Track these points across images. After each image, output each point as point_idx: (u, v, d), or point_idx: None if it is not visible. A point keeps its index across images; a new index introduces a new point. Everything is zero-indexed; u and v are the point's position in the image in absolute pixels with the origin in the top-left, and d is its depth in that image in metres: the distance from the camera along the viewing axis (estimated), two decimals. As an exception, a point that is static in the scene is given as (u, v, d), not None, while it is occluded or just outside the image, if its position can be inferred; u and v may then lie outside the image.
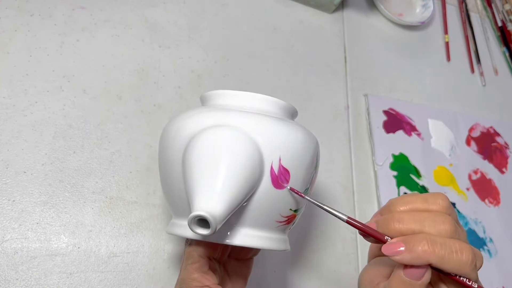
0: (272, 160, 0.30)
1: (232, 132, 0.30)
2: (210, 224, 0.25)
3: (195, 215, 0.26)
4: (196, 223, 0.26)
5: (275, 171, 0.31)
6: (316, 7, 0.67)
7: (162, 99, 0.51)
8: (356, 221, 0.28)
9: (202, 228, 0.26)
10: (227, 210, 0.27)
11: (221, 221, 0.26)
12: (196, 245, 0.34)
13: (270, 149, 0.30)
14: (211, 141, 0.29)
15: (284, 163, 0.31)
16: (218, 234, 0.31)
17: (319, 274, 0.49)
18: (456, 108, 0.69)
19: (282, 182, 0.31)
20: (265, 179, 0.30)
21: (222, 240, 0.31)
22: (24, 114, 0.45)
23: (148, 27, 0.55)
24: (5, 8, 0.49)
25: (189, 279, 0.32)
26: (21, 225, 0.40)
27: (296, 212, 0.34)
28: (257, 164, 0.29)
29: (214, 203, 0.26)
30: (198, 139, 0.30)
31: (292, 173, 0.31)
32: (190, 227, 0.26)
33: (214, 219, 0.25)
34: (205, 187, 0.27)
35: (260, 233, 0.32)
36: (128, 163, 0.46)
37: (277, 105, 0.35)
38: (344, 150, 0.57)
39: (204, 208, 0.26)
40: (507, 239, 0.60)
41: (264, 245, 0.32)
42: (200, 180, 0.28)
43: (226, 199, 0.27)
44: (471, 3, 0.83)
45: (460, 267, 0.25)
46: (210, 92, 0.36)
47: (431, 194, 0.28)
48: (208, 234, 0.26)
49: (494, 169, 0.66)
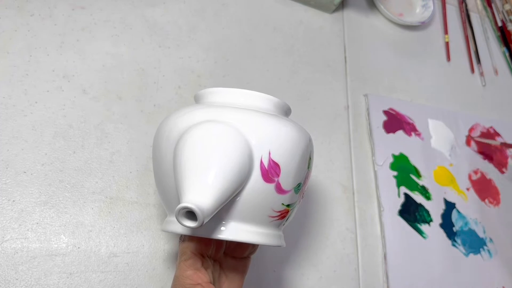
0: (262, 154, 0.31)
1: (221, 126, 0.30)
2: (197, 216, 0.26)
3: (182, 207, 0.26)
4: (184, 216, 0.27)
5: (265, 165, 0.31)
6: (316, 7, 0.67)
7: (162, 99, 0.51)
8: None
9: (190, 220, 0.26)
10: (215, 203, 0.27)
11: (209, 214, 0.27)
12: (189, 241, 0.34)
13: (260, 143, 0.31)
14: (200, 136, 0.30)
15: (274, 157, 0.31)
16: (208, 228, 0.31)
17: (319, 274, 0.49)
18: (456, 108, 0.69)
19: (272, 176, 0.31)
20: (255, 173, 0.31)
21: (212, 235, 0.31)
22: (24, 114, 0.45)
23: (148, 27, 0.55)
24: (5, 8, 0.49)
25: (182, 276, 0.33)
26: (21, 225, 0.40)
27: (289, 207, 0.34)
28: (246, 158, 0.30)
29: (202, 196, 0.27)
30: (188, 134, 0.30)
31: (283, 168, 0.32)
32: (178, 219, 0.26)
33: (201, 211, 0.26)
34: (194, 181, 0.28)
35: (252, 228, 0.32)
36: (128, 163, 0.46)
37: (269, 101, 0.35)
38: (344, 150, 0.57)
39: (192, 201, 0.26)
40: (507, 239, 0.60)
41: (256, 239, 0.32)
42: (188, 174, 0.28)
43: (215, 192, 0.27)
44: (471, 3, 0.83)
45: None
46: (203, 90, 0.36)
47: None
48: (195, 227, 0.26)
49: (494, 169, 0.66)
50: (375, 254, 0.52)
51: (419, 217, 0.56)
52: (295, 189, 0.33)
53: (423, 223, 0.56)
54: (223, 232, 0.31)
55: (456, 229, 0.57)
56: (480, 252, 0.57)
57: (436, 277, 0.53)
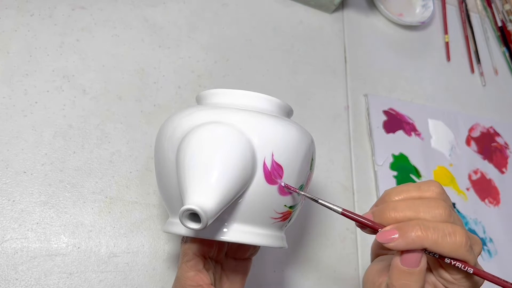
0: (264, 155, 0.31)
1: (224, 128, 0.30)
2: (201, 218, 0.26)
3: (185, 209, 0.26)
4: (187, 217, 0.26)
5: (268, 167, 0.31)
6: (316, 7, 0.67)
7: (162, 99, 0.51)
8: (351, 213, 0.29)
9: (193, 222, 0.26)
10: (219, 205, 0.27)
11: (213, 216, 0.27)
12: (191, 243, 0.34)
13: (262, 144, 0.31)
14: (203, 137, 0.30)
15: (277, 158, 0.31)
16: (211, 230, 0.31)
17: (319, 274, 0.49)
18: (456, 108, 0.69)
19: (275, 178, 0.31)
20: (258, 175, 0.31)
21: (215, 236, 0.31)
22: (24, 114, 0.45)
23: (148, 27, 0.55)
24: (5, 8, 0.49)
25: (183, 277, 0.33)
26: (21, 225, 0.40)
27: (291, 209, 0.34)
28: (249, 159, 0.30)
29: (206, 197, 0.27)
30: (191, 135, 0.30)
31: (286, 169, 0.31)
32: (181, 221, 0.26)
33: (205, 213, 0.26)
34: (197, 182, 0.28)
35: (254, 230, 0.32)
36: (128, 163, 0.46)
37: (270, 102, 0.35)
38: (344, 150, 0.57)
39: (195, 202, 0.26)
40: (507, 239, 0.60)
41: (258, 241, 0.32)
42: (191, 176, 0.28)
43: (218, 194, 0.27)
44: (471, 3, 0.83)
45: (455, 250, 0.25)
46: (205, 91, 0.36)
47: (424, 181, 0.29)
48: (199, 229, 0.26)
49: (494, 169, 0.66)
50: (375, 254, 0.52)
51: (419, 217, 0.56)
52: None
53: (423, 223, 0.56)
54: (225, 234, 0.31)
55: (456, 229, 0.57)
56: (480, 252, 0.57)
57: (436, 277, 0.53)
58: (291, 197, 0.33)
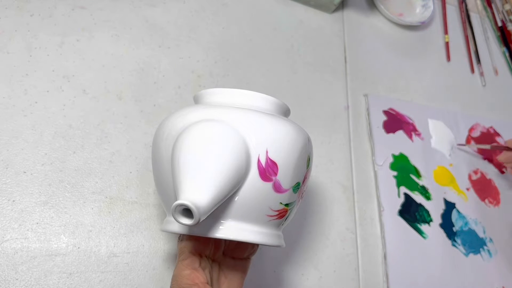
0: (259, 152, 0.31)
1: (217, 125, 0.30)
2: (193, 214, 0.26)
3: (178, 204, 0.26)
4: (180, 213, 0.27)
5: (263, 164, 0.31)
6: (316, 7, 0.66)
7: (162, 99, 0.51)
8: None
9: (186, 218, 0.27)
10: (212, 201, 0.27)
11: (206, 212, 0.27)
12: (187, 241, 0.34)
13: (257, 141, 0.31)
14: (196, 134, 0.30)
15: (271, 155, 0.31)
16: (206, 227, 0.31)
17: (319, 274, 0.49)
18: (456, 108, 0.69)
19: (270, 175, 0.31)
20: (252, 172, 0.31)
21: (210, 234, 0.31)
22: (24, 114, 0.45)
23: (148, 27, 0.55)
24: (5, 8, 0.49)
25: (179, 275, 0.33)
26: (21, 225, 0.40)
27: (287, 207, 0.34)
28: (243, 156, 0.30)
29: (198, 193, 0.27)
30: (185, 133, 0.30)
31: (281, 166, 0.32)
32: (174, 216, 0.27)
33: (197, 208, 0.26)
34: (190, 179, 0.28)
35: (250, 227, 0.32)
36: (128, 163, 0.46)
37: (266, 101, 0.35)
38: (344, 150, 0.57)
39: (188, 198, 0.26)
40: (507, 239, 0.60)
41: (253, 239, 0.32)
42: (185, 172, 0.28)
43: (211, 190, 0.27)
44: (471, 3, 0.83)
45: None
46: (202, 91, 0.36)
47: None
48: (191, 224, 0.26)
49: (494, 169, 0.66)
50: (375, 254, 0.52)
51: (419, 217, 0.56)
52: (293, 188, 0.33)
53: (423, 223, 0.56)
54: (220, 231, 0.31)
55: (456, 229, 0.57)
56: (480, 252, 0.57)
57: (436, 277, 0.53)
58: (287, 195, 0.33)
